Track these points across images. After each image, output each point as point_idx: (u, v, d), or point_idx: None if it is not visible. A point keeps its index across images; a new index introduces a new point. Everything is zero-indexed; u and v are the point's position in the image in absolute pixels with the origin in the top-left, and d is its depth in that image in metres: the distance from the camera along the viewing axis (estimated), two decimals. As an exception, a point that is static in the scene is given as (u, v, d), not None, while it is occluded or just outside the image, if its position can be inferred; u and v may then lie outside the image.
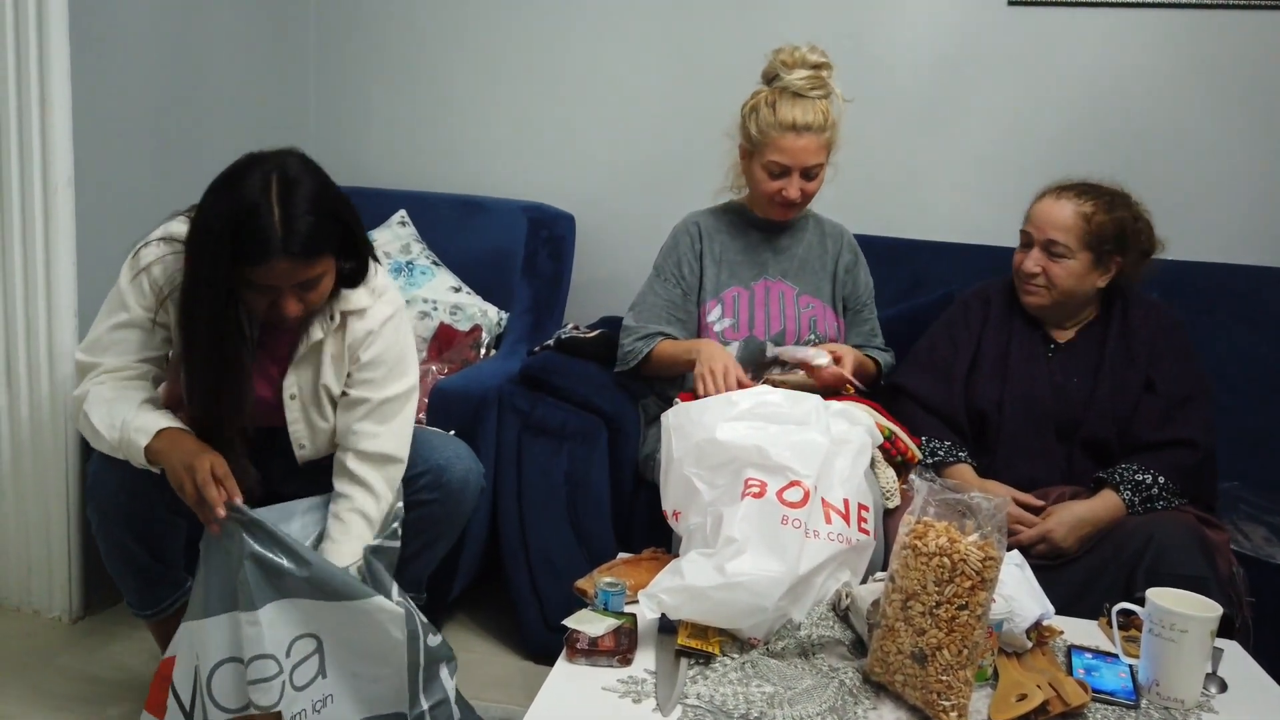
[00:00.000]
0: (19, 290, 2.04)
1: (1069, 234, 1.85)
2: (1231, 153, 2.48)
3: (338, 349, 1.61)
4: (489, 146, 2.86)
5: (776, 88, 1.95)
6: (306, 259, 1.43)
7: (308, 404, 1.62)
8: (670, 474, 1.59)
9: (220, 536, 1.40)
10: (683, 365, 1.97)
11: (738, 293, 2.04)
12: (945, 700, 1.22)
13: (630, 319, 2.07)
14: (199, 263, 1.44)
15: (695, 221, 2.11)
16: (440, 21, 2.83)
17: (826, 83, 1.94)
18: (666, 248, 2.11)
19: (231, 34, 2.58)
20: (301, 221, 1.41)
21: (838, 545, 1.45)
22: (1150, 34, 2.48)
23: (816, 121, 1.91)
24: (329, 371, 1.61)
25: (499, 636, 2.19)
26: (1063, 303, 1.91)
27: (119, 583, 1.65)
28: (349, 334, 1.60)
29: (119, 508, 1.54)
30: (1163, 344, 1.89)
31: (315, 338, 1.58)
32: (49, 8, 1.94)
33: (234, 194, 1.41)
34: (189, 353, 1.50)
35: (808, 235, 2.10)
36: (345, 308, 1.59)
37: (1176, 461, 1.78)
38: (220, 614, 1.39)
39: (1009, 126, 2.58)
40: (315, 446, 1.67)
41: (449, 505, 1.69)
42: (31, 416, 2.08)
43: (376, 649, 1.44)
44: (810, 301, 2.06)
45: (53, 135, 1.98)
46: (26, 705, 1.82)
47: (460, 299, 2.51)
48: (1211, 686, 1.38)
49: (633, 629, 1.38)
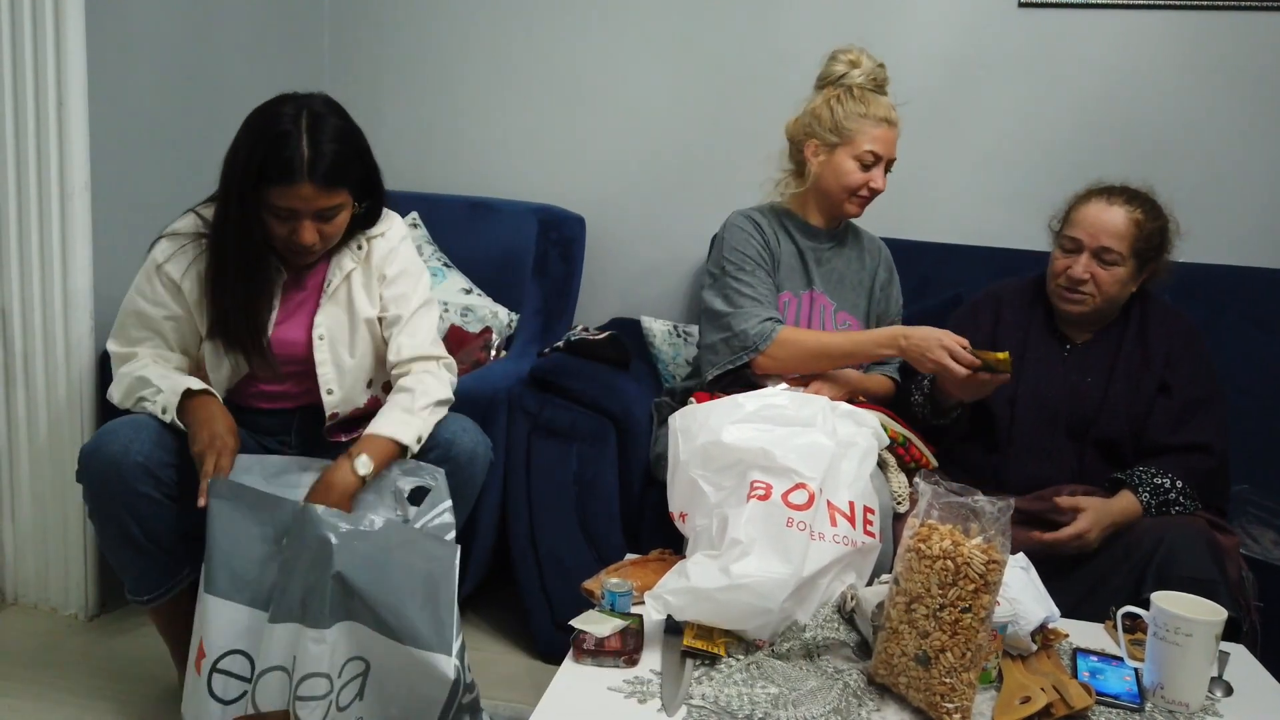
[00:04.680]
0: (36, 292, 2.07)
1: (1122, 241, 1.82)
2: (1242, 154, 2.47)
3: (366, 276, 1.74)
4: (499, 149, 2.87)
5: (848, 84, 1.97)
6: (328, 186, 1.56)
7: (337, 343, 1.72)
8: (677, 476, 1.60)
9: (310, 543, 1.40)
10: (847, 358, 1.92)
11: (789, 299, 2.01)
12: (949, 703, 1.23)
13: (728, 321, 1.92)
14: (229, 184, 1.58)
15: (750, 216, 2.04)
16: (451, 25, 2.85)
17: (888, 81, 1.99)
18: (736, 240, 1.99)
19: (245, 39, 2.60)
20: (327, 149, 1.55)
21: (843, 548, 1.45)
22: (1160, 35, 2.48)
23: (897, 116, 1.96)
24: (361, 299, 1.73)
25: (508, 636, 2.20)
26: (1101, 309, 1.89)
27: (116, 567, 1.67)
28: (374, 255, 1.74)
29: (111, 486, 1.56)
30: (1179, 348, 1.88)
31: (347, 268, 1.72)
32: (66, 14, 1.96)
33: (266, 121, 1.56)
34: (217, 273, 1.63)
35: (847, 250, 2.09)
36: (370, 233, 1.74)
37: (1193, 466, 1.78)
38: (286, 622, 1.39)
39: (1018, 128, 2.58)
40: (343, 390, 1.74)
41: (458, 478, 1.70)
42: (49, 417, 2.11)
43: (412, 701, 1.41)
44: (847, 319, 2.04)
45: (70, 140, 2.01)
46: (43, 702, 1.84)
47: (471, 300, 2.52)
48: (1217, 690, 1.38)
49: (639, 630, 1.39)
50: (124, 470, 1.54)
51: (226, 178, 1.59)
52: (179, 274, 1.65)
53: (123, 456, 1.54)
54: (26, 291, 2.07)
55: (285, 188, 1.54)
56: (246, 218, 1.58)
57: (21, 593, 2.20)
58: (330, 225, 1.62)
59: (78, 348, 2.08)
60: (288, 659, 1.39)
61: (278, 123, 1.55)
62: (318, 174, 1.54)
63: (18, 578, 2.20)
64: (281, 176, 1.53)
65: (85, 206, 2.05)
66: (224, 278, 1.63)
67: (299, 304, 1.73)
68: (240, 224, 1.58)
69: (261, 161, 1.53)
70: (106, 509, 1.58)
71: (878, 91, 1.98)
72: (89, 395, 2.10)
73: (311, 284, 1.74)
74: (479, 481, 1.77)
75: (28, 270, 2.06)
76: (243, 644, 1.44)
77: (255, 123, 1.58)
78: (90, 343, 2.09)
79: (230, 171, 1.58)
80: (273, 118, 1.56)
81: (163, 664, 1.88)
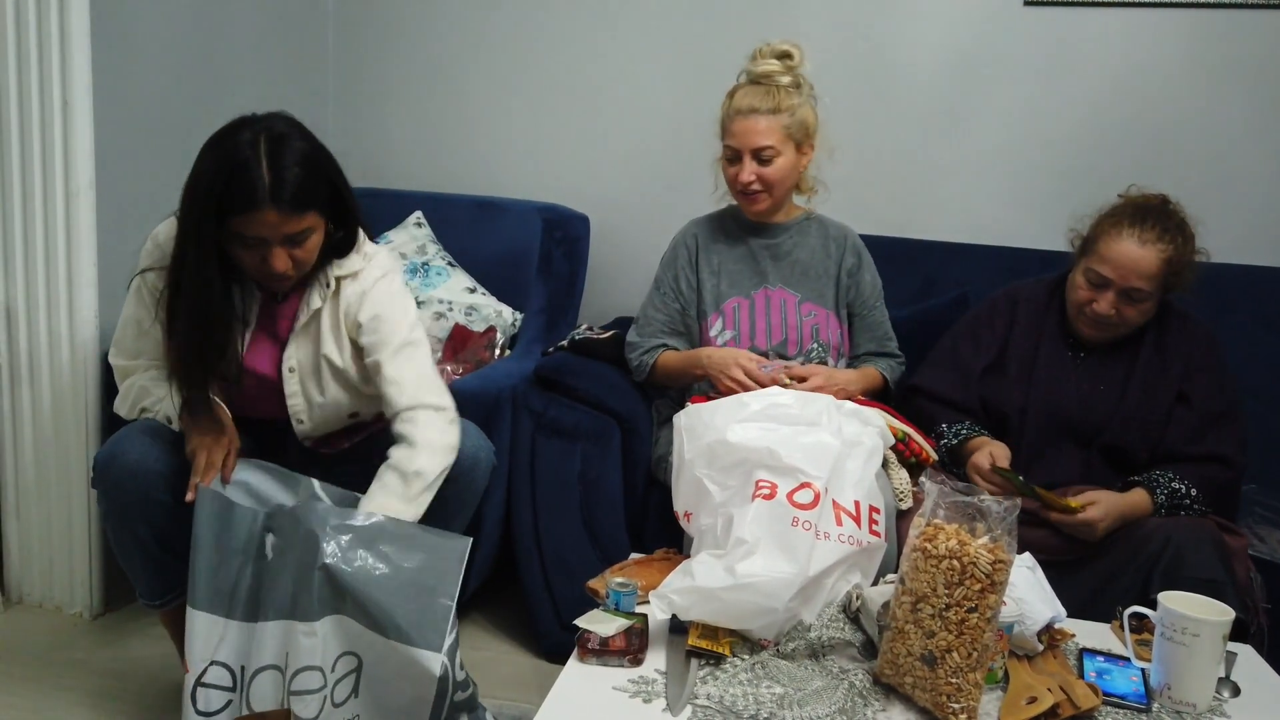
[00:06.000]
0: (41, 292, 2.07)
1: (1153, 281, 1.77)
2: (1249, 152, 2.46)
3: (334, 318, 1.67)
4: (504, 148, 2.87)
5: (740, 79, 1.98)
6: (294, 211, 1.49)
7: (306, 377, 1.68)
8: (681, 475, 1.59)
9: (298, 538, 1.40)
10: (691, 376, 1.99)
11: (738, 303, 2.02)
12: (955, 703, 1.22)
13: (633, 334, 2.09)
14: (188, 218, 1.50)
15: (693, 233, 2.10)
16: (456, 25, 2.85)
17: (790, 70, 1.94)
18: (666, 260, 2.11)
19: (250, 38, 2.60)
20: (289, 173, 1.47)
21: (848, 547, 1.45)
22: (1166, 33, 2.47)
23: (765, 104, 1.91)
24: (329, 340, 1.67)
25: (513, 635, 2.20)
26: (1123, 332, 1.86)
27: (129, 572, 1.67)
28: (343, 299, 1.66)
29: (128, 493, 1.56)
30: (1198, 357, 1.86)
31: (314, 305, 1.65)
32: (71, 13, 1.97)
33: (223, 150, 1.48)
34: (170, 318, 1.55)
35: (810, 240, 2.07)
36: (339, 273, 1.65)
37: (1211, 476, 1.77)
38: (276, 619, 1.39)
39: (1024, 127, 2.57)
40: (313, 421, 1.72)
41: (460, 483, 1.70)
42: (54, 416, 2.11)
43: (402, 699, 1.41)
44: (813, 309, 2.03)
45: (74, 139, 2.01)
46: (47, 700, 1.84)
47: (475, 300, 2.52)
48: (1224, 691, 1.37)
49: (644, 629, 1.39)
50: (142, 478, 1.54)
51: (186, 212, 1.50)
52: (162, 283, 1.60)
53: (140, 465, 1.54)
54: (31, 291, 2.08)
55: (248, 216, 1.46)
56: (205, 259, 1.49)
57: (26, 592, 2.20)
58: (302, 250, 1.54)
59: (82, 347, 2.08)
60: (280, 657, 1.39)
61: (236, 151, 1.46)
62: (282, 199, 1.46)
63: (22, 576, 2.20)
64: (244, 205, 1.45)
65: (90, 205, 2.05)
66: (176, 320, 1.55)
67: (272, 332, 1.68)
68: (198, 267, 1.50)
69: (221, 192, 1.45)
70: (122, 515, 1.58)
71: (773, 80, 1.93)
72: (94, 395, 2.10)
73: (286, 312, 1.68)
74: (481, 487, 1.77)
75: (32, 269, 2.07)
76: (222, 655, 1.42)
77: (212, 152, 1.49)
78: (95, 342, 2.09)
79: (190, 205, 1.49)
80: (230, 146, 1.47)
81: (167, 663, 1.89)
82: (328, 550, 1.37)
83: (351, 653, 1.41)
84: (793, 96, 1.93)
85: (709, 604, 1.36)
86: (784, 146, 1.93)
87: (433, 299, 2.50)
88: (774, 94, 1.92)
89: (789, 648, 1.38)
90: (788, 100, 1.92)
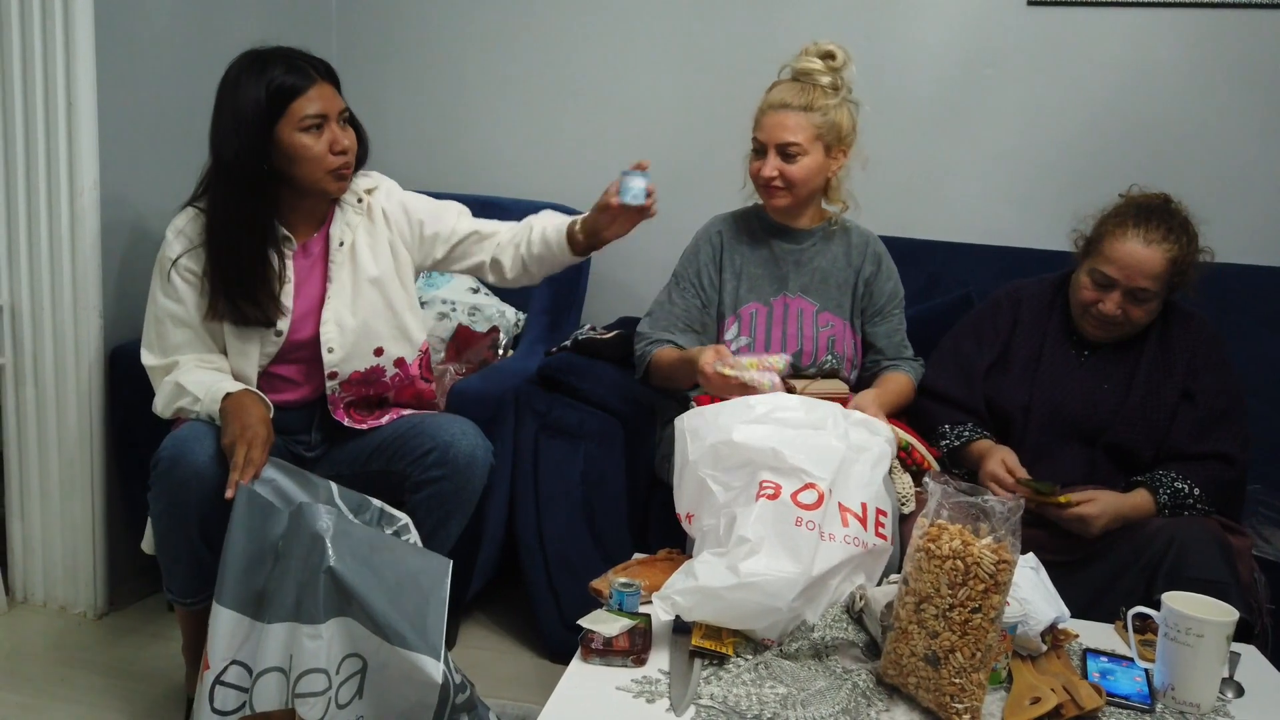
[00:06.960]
0: (46, 291, 2.08)
1: (1158, 280, 1.77)
2: (1253, 152, 2.46)
3: (371, 234, 1.80)
4: (507, 149, 2.87)
5: (783, 74, 1.96)
6: (337, 89, 1.67)
7: (340, 301, 1.76)
8: (685, 476, 1.59)
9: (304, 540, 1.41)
10: (682, 379, 1.92)
11: (756, 309, 1.99)
12: (958, 703, 1.22)
13: (645, 325, 2.03)
14: (227, 149, 1.61)
15: (718, 230, 2.06)
16: (458, 26, 2.85)
17: (832, 71, 1.91)
18: (688, 254, 2.07)
19: (253, 39, 2.59)
20: (319, 59, 1.66)
21: (853, 548, 1.45)
22: (1170, 33, 2.46)
23: (798, 101, 1.89)
24: (366, 258, 1.78)
25: (516, 635, 2.20)
26: (1129, 332, 1.86)
27: (168, 569, 1.66)
28: (377, 214, 1.81)
29: (190, 493, 1.56)
30: (1203, 356, 1.85)
31: (354, 224, 1.77)
32: (75, 13, 1.97)
33: (253, 65, 1.62)
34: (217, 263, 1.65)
35: (833, 247, 2.03)
36: (365, 186, 1.81)
37: (1214, 475, 1.76)
38: (281, 622, 1.39)
39: (1027, 127, 2.57)
40: (343, 350, 1.77)
41: (457, 480, 1.70)
42: (58, 416, 2.11)
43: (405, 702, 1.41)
44: (830, 320, 2.00)
45: (78, 139, 2.02)
46: (52, 699, 1.85)
47: (478, 300, 2.53)
48: (1228, 691, 1.37)
49: (647, 629, 1.39)
50: (209, 480, 1.54)
51: (224, 145, 1.61)
52: (198, 265, 1.66)
53: (208, 468, 1.55)
54: (36, 290, 2.08)
55: (305, 97, 1.60)
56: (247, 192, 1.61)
57: (31, 591, 2.21)
58: (348, 135, 1.68)
59: (87, 346, 2.08)
60: (284, 659, 1.39)
61: (269, 57, 1.61)
62: (328, 75, 1.65)
63: (27, 576, 2.20)
64: (299, 87, 1.60)
65: (94, 205, 2.06)
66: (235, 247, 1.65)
67: (309, 270, 1.76)
68: (240, 201, 1.62)
69: (273, 93, 1.58)
70: (181, 515, 1.58)
71: (811, 78, 1.91)
72: (98, 394, 2.11)
73: (316, 250, 1.76)
74: (479, 486, 1.77)
75: (37, 269, 2.07)
76: (242, 655, 1.43)
77: (237, 78, 1.62)
78: (99, 341, 2.10)
79: (230, 136, 1.60)
80: (251, 61, 1.62)
81: (171, 663, 1.89)
82: (333, 552, 1.37)
83: (356, 654, 1.41)
84: (829, 97, 1.90)
85: (712, 604, 1.35)
86: (812, 146, 1.90)
87: (436, 299, 2.50)
88: (809, 92, 1.89)
89: (792, 648, 1.38)
90: (822, 100, 1.89)
